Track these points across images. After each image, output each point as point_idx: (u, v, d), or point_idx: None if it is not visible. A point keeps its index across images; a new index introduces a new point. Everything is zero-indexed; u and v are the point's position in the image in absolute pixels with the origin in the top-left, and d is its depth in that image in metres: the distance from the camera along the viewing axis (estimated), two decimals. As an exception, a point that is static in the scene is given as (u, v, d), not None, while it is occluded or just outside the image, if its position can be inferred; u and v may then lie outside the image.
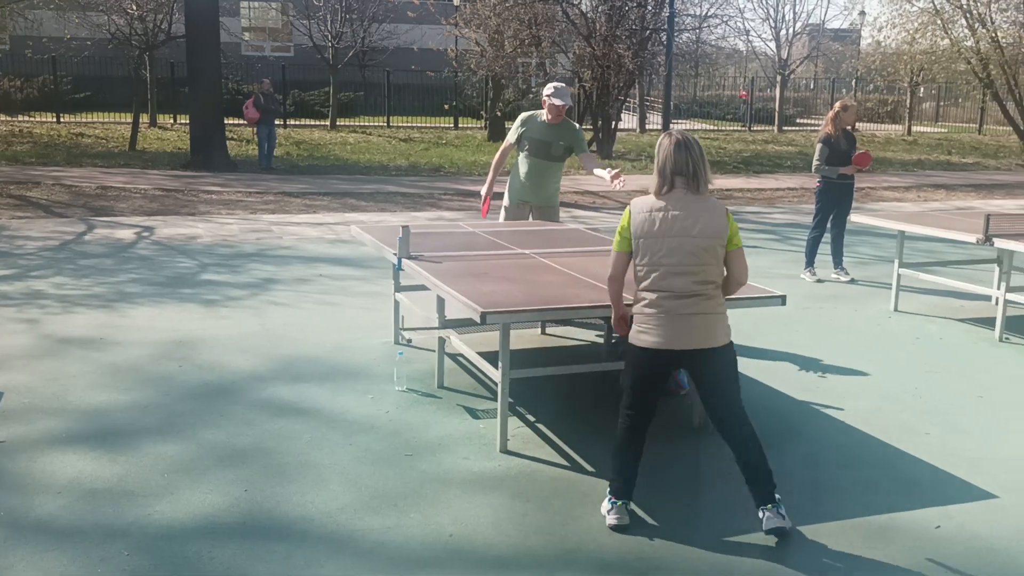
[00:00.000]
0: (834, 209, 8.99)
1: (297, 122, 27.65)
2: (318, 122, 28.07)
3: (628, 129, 29.48)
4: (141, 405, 5.18)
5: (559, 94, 6.57)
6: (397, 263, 5.66)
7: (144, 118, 23.07)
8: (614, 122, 22.39)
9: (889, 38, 31.30)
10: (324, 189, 15.21)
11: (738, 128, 33.15)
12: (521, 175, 6.89)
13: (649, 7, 21.02)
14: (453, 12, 24.91)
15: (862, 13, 47.53)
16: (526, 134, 6.77)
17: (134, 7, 20.86)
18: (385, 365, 5.94)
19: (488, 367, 4.88)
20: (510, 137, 6.88)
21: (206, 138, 17.22)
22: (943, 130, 35.89)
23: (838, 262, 9.13)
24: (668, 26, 12.84)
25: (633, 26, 20.97)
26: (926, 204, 15.95)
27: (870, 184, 17.68)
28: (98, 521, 3.84)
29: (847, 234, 9.25)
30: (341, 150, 21.33)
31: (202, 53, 17.00)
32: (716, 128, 33.08)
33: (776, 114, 33.31)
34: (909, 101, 34.40)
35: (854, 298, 8.33)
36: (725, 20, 45.23)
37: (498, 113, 24.73)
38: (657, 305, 3.74)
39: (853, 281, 8.97)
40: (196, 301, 7.60)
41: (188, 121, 18.43)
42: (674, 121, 28.08)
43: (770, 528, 3.77)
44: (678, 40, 22.06)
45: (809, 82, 45.73)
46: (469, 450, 4.67)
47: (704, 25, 26.00)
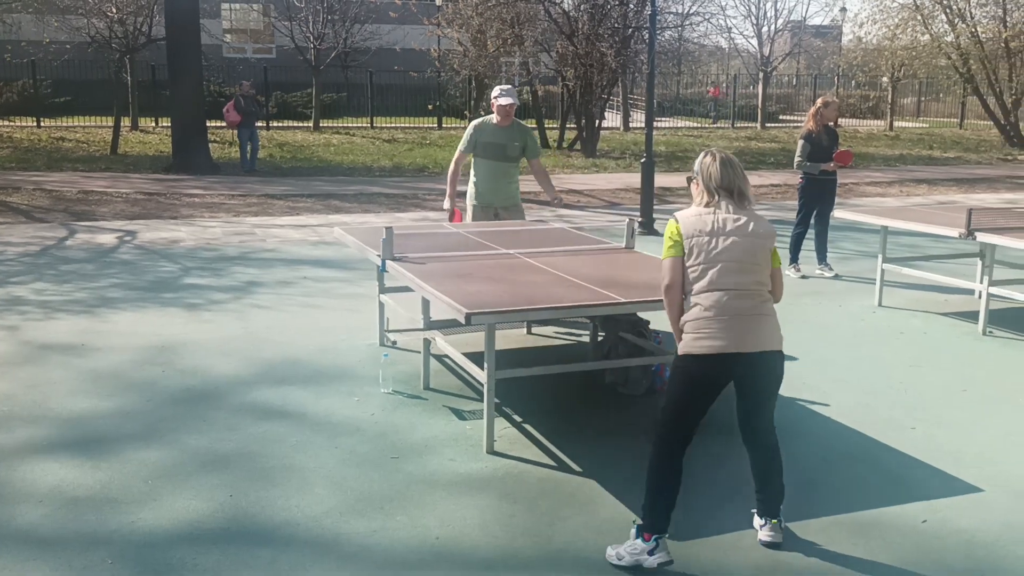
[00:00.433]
0: (817, 205, 9.01)
1: (280, 124, 27.52)
2: (301, 124, 27.93)
3: (612, 127, 29.50)
4: (123, 411, 5.14)
5: (505, 94, 6.80)
6: (381, 264, 5.63)
7: (125, 121, 22.88)
8: (598, 120, 22.40)
9: (870, 34, 31.51)
10: (307, 191, 15.15)
11: (721, 125, 33.23)
12: (481, 180, 7.03)
13: (631, 5, 21.03)
14: (435, 12, 24.87)
15: (843, 9, 47.66)
16: (479, 140, 6.93)
17: (114, 10, 20.69)
18: (370, 367, 5.91)
19: (474, 368, 4.86)
20: (462, 146, 7.01)
21: (188, 141, 17.12)
22: (924, 125, 36.08)
23: (822, 258, 9.15)
24: (650, 24, 12.84)
25: (615, 24, 20.98)
26: (908, 199, 16.02)
27: (852, 180, 17.75)
28: (80, 529, 3.80)
29: (830, 230, 9.28)
30: (324, 151, 21.26)
31: (183, 55, 16.89)
32: (699, 125, 33.15)
33: (759, 111, 33.39)
34: (891, 97, 34.58)
35: (838, 294, 8.36)
36: (707, 18, 45.33)
37: (482, 112, 24.61)
38: (717, 306, 3.52)
39: (837, 277, 9.00)
40: (178, 305, 7.54)
41: (170, 124, 18.32)
42: (658, 119, 28.11)
43: (767, 542, 3.74)
44: (660, 38, 22.08)
45: (791, 79, 45.91)
46: (455, 451, 4.65)
47: (686, 23, 26.03)
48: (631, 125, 30.46)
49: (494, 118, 6.94)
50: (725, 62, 48.71)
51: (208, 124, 18.30)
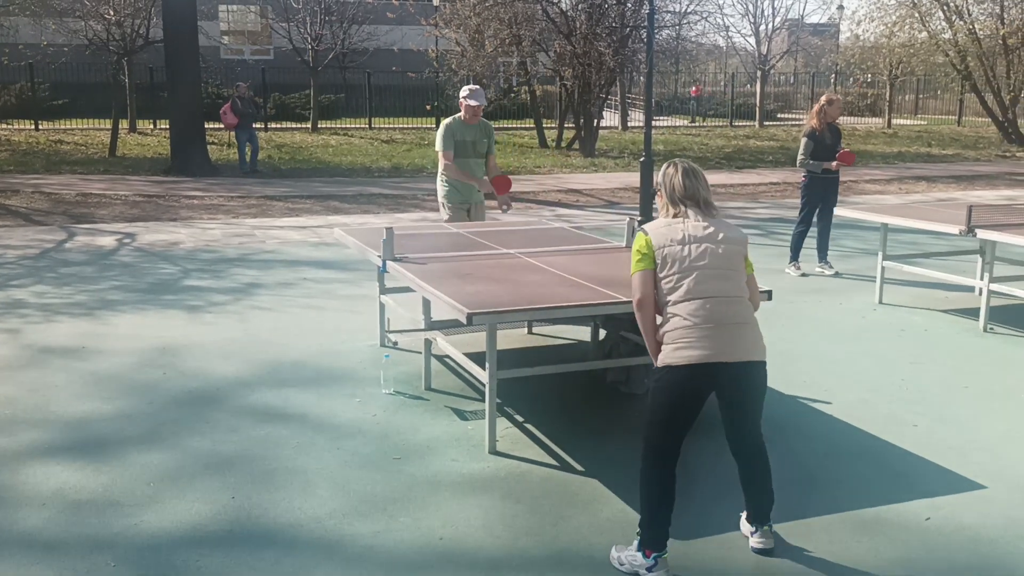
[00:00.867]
0: (820, 203, 9.00)
1: (278, 125, 27.53)
2: (299, 125, 27.95)
3: (610, 127, 29.51)
4: (125, 414, 5.13)
5: (475, 96, 7.09)
6: (382, 265, 5.63)
7: (123, 124, 22.89)
8: (596, 120, 22.40)
9: (868, 32, 31.53)
10: (307, 192, 15.15)
11: (720, 124, 33.24)
12: (448, 188, 7.32)
13: (628, 5, 21.04)
14: (433, 12, 24.87)
15: (840, 7, 47.72)
16: (455, 138, 7.18)
17: (111, 12, 20.68)
18: (371, 368, 5.90)
19: (475, 368, 4.86)
20: (446, 147, 7.18)
21: (186, 143, 17.12)
22: (923, 122, 36.11)
23: (823, 256, 9.15)
24: (648, 23, 12.84)
25: (613, 24, 20.98)
26: (908, 196, 16.03)
27: (852, 177, 17.75)
28: (83, 532, 3.80)
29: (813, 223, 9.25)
30: (323, 153, 21.25)
31: (181, 57, 16.88)
32: (697, 124, 33.17)
33: (757, 109, 33.41)
34: (888, 94, 34.59)
35: (838, 291, 8.36)
36: (705, 16, 45.55)
37: (480, 113, 24.66)
38: (697, 314, 3.43)
39: (837, 274, 9.00)
40: (179, 307, 7.54)
41: (168, 126, 18.31)
42: (656, 118, 28.09)
43: (760, 548, 3.68)
44: (658, 37, 22.09)
45: (789, 77, 45.92)
46: (458, 452, 4.65)
47: (684, 22, 26.06)
48: (629, 124, 30.47)
49: (462, 116, 7.20)
50: (723, 61, 48.73)
51: (206, 126, 18.29)
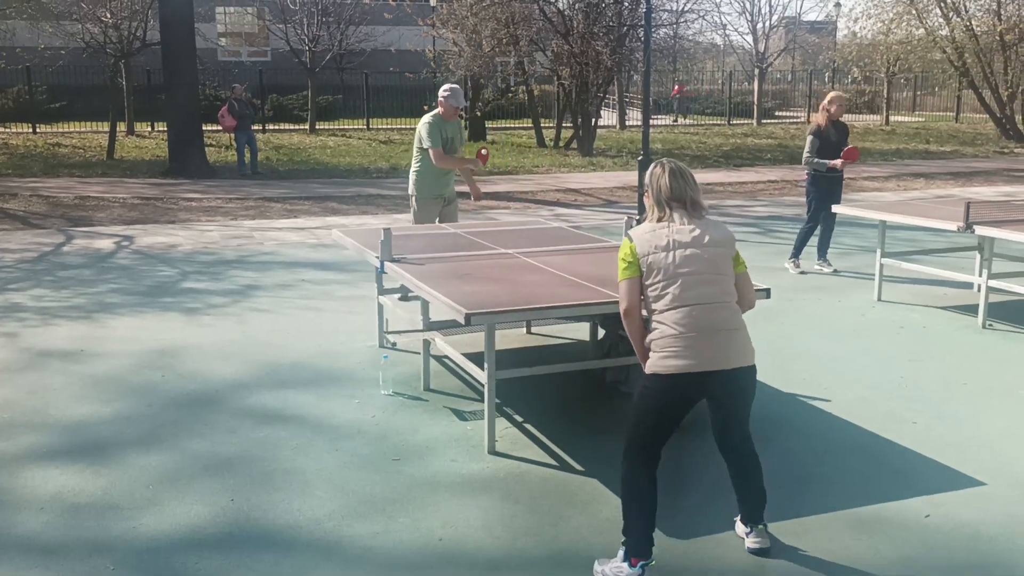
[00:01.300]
0: (828, 201, 8.84)
1: (276, 127, 27.52)
2: (297, 126, 27.94)
3: (608, 126, 29.51)
4: (124, 416, 5.13)
5: (455, 97, 7.32)
6: (380, 266, 5.62)
7: (121, 126, 22.89)
8: (594, 119, 22.40)
9: (865, 29, 31.53)
10: (305, 193, 15.14)
11: (718, 122, 33.24)
12: (432, 173, 7.50)
13: (626, 3, 21.04)
14: (430, 13, 24.86)
15: (837, 4, 47.79)
16: (442, 135, 7.41)
17: (108, 15, 20.68)
18: (370, 369, 5.90)
19: (474, 368, 4.86)
20: (437, 144, 7.35)
21: (184, 145, 17.11)
22: (920, 119, 36.12)
23: (823, 254, 9.13)
24: (645, 22, 12.84)
25: (610, 23, 20.98)
26: (906, 193, 16.03)
27: (850, 175, 17.69)
28: (82, 536, 3.79)
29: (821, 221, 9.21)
30: (321, 154, 21.25)
31: (178, 60, 16.88)
32: (695, 123, 33.17)
33: (755, 107, 33.42)
34: (886, 91, 34.60)
35: (837, 289, 8.36)
36: (702, 15, 45.53)
37: (478, 113, 24.68)
38: (683, 322, 3.39)
39: (836, 272, 8.99)
40: (177, 310, 7.53)
41: (166, 128, 18.30)
42: (654, 116, 28.08)
43: (755, 549, 3.67)
44: (656, 36, 22.09)
45: (787, 75, 45.92)
46: (457, 452, 4.65)
47: (681, 20, 26.06)
48: (627, 123, 30.47)
49: (439, 112, 7.41)
50: (720, 59, 48.73)
51: (204, 128, 18.29)
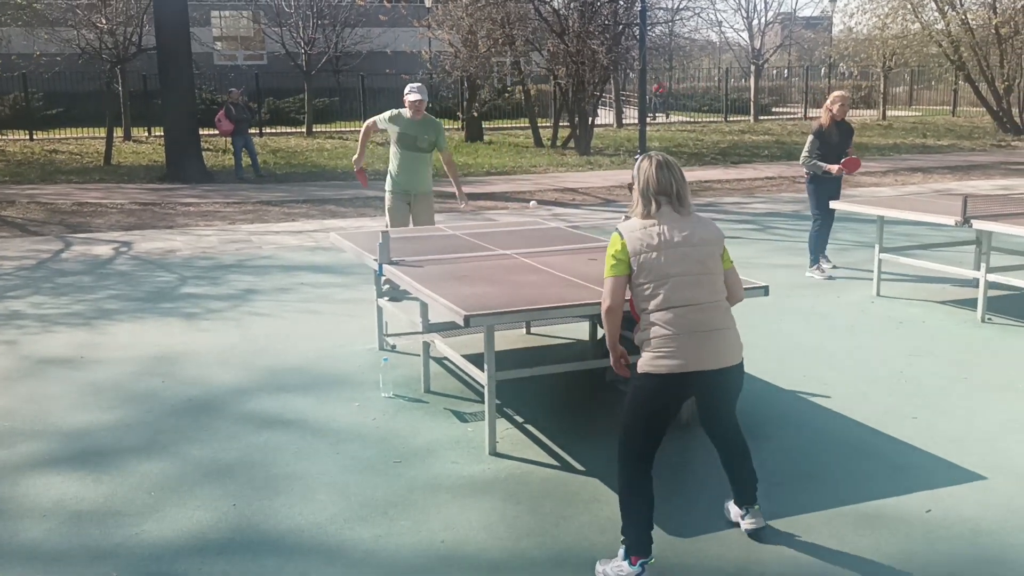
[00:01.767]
0: (830, 198, 8.62)
1: (273, 130, 27.51)
2: (294, 129, 27.94)
3: (605, 124, 29.52)
4: (124, 423, 5.13)
5: (415, 91, 7.48)
6: (378, 269, 5.63)
7: (118, 132, 22.87)
8: (591, 118, 22.40)
9: (860, 24, 31.58)
10: (303, 197, 15.14)
11: (715, 119, 33.26)
12: (397, 168, 7.72)
13: (621, 2, 21.04)
14: (425, 14, 24.86)
15: (832, 0, 47.77)
16: (393, 129, 7.63)
17: (103, 21, 20.66)
18: (370, 372, 5.90)
19: (474, 370, 4.86)
20: (378, 119, 7.73)
21: (181, 150, 17.09)
22: (917, 113, 36.12)
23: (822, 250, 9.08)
24: (640, 20, 12.85)
25: (606, 22, 20.98)
26: (903, 188, 16.04)
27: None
28: (85, 543, 3.79)
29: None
30: (318, 156, 21.24)
31: (174, 64, 16.87)
32: (692, 120, 33.18)
33: (751, 104, 33.43)
34: (883, 86, 34.61)
35: (836, 285, 8.36)
36: (697, 12, 45.50)
37: (474, 113, 24.68)
38: (674, 323, 3.43)
39: (835, 268, 8.97)
40: (177, 315, 7.53)
41: (163, 133, 18.30)
42: (650, 114, 28.11)
43: (752, 530, 3.75)
44: (651, 34, 22.10)
45: (783, 71, 45.94)
46: (458, 454, 4.65)
47: (676, 18, 26.07)
48: (624, 121, 30.48)
49: (407, 112, 7.56)
50: (716, 56, 48.74)
51: (201, 132, 18.28)
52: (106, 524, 3.95)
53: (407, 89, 7.54)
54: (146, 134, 25.64)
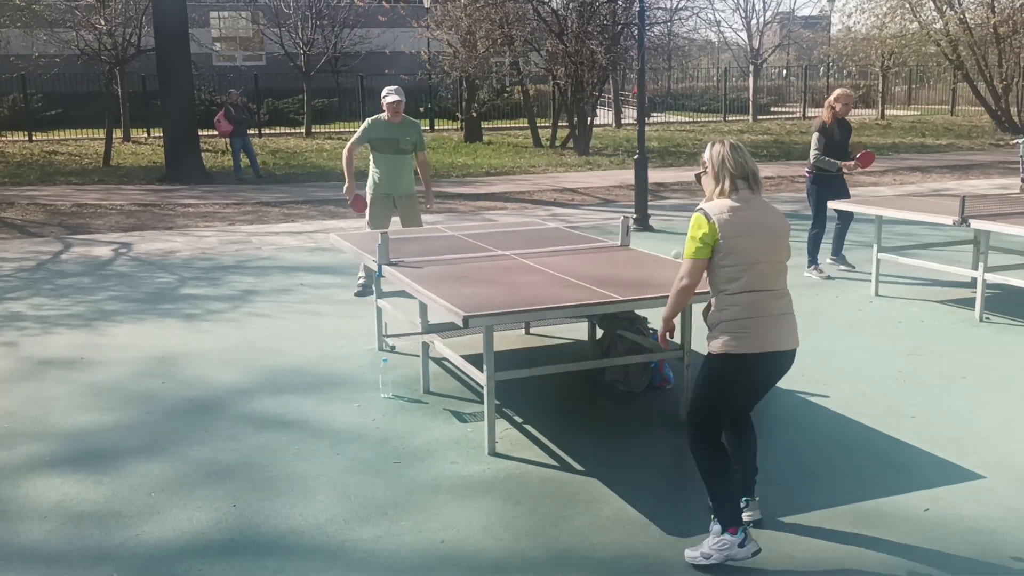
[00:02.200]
0: (831, 201, 8.52)
1: (272, 131, 27.51)
2: (293, 130, 27.94)
3: (604, 124, 29.52)
4: (124, 424, 5.14)
5: (392, 93, 7.55)
6: (378, 270, 5.64)
7: (117, 133, 22.87)
8: (590, 118, 22.41)
9: (859, 23, 31.56)
10: (302, 197, 15.15)
11: (713, 119, 33.26)
12: (379, 172, 7.75)
13: (620, 2, 21.03)
14: (424, 14, 24.87)
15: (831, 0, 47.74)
16: (373, 136, 7.63)
17: (102, 22, 20.65)
18: (370, 373, 5.91)
19: (473, 370, 4.87)
20: (356, 138, 7.75)
21: (180, 151, 17.10)
22: (916, 113, 36.12)
23: (838, 250, 8.92)
24: (639, 20, 12.84)
25: (604, 22, 20.98)
26: (902, 187, 16.04)
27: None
28: (85, 545, 3.80)
29: (827, 221, 9.16)
30: (317, 157, 21.24)
31: (173, 65, 16.87)
32: (691, 120, 33.18)
33: (750, 103, 33.43)
34: (881, 85, 34.63)
35: (835, 284, 8.37)
36: (696, 12, 45.49)
37: (473, 114, 24.69)
38: (756, 307, 3.54)
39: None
40: (177, 316, 7.54)
41: (162, 134, 18.30)
42: (650, 114, 28.13)
43: (751, 520, 3.82)
44: (650, 34, 22.11)
45: (781, 71, 45.95)
46: (457, 455, 4.66)
47: (675, 18, 26.05)
48: (623, 121, 30.49)
49: (385, 115, 7.63)
50: (715, 56, 48.77)
51: (200, 133, 18.29)
52: (106, 525, 3.96)
53: (384, 92, 7.59)
54: (145, 135, 25.64)
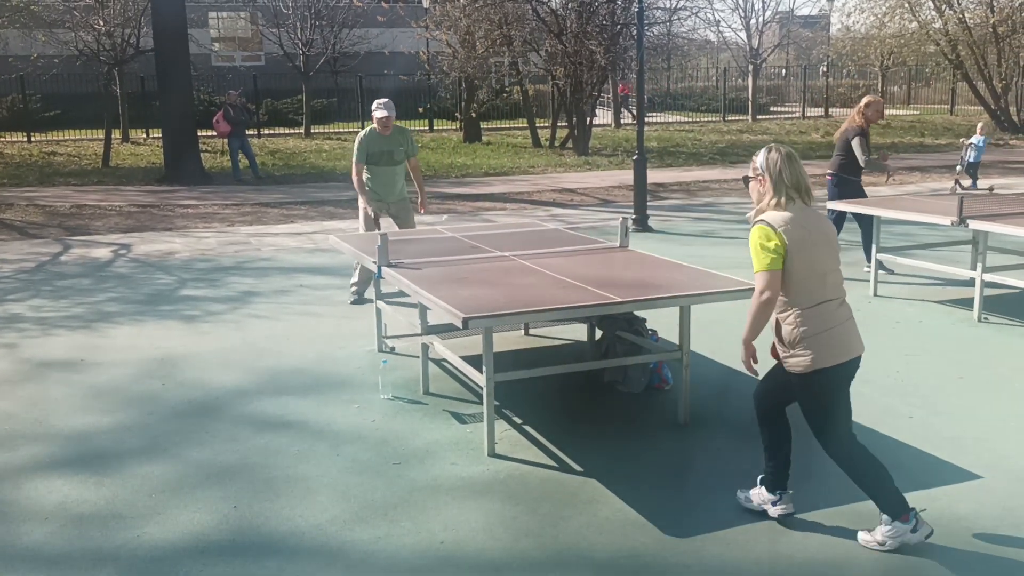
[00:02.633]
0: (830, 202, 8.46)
1: (271, 131, 27.51)
2: (292, 130, 27.94)
3: (603, 124, 29.54)
4: (125, 426, 5.15)
5: (382, 108, 7.54)
6: (377, 271, 5.65)
7: (116, 134, 22.86)
8: (589, 118, 22.42)
9: (858, 23, 31.62)
10: (301, 198, 15.16)
11: (713, 119, 33.27)
12: (373, 181, 7.78)
13: (619, 2, 21.05)
14: (423, 15, 24.87)
15: (830, -1, 47.74)
16: (371, 150, 7.66)
17: (101, 23, 20.66)
18: (369, 374, 5.92)
19: (472, 371, 4.88)
20: (358, 159, 7.72)
21: (179, 151, 17.10)
22: (915, 112, 36.14)
23: (870, 255, 8.88)
24: (638, 20, 12.86)
25: (603, 22, 21.00)
26: (901, 187, 16.05)
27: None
28: (87, 546, 3.82)
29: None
30: (316, 158, 21.25)
31: (172, 66, 16.88)
32: (691, 120, 33.19)
33: (749, 103, 33.44)
34: (880, 85, 34.65)
35: (833, 284, 8.36)
36: (695, 12, 45.48)
37: (473, 114, 24.70)
38: (836, 316, 3.61)
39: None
40: (176, 318, 7.55)
41: (161, 135, 18.31)
42: (649, 114, 28.14)
43: (784, 514, 3.90)
44: (649, 34, 22.12)
45: (781, 70, 45.96)
46: (457, 455, 4.68)
47: (674, 18, 26.04)
48: (622, 122, 30.50)
49: (376, 128, 7.65)
50: (714, 55, 48.78)
51: (199, 134, 18.30)
52: (108, 527, 3.98)
53: (374, 106, 7.62)
54: (144, 136, 25.64)
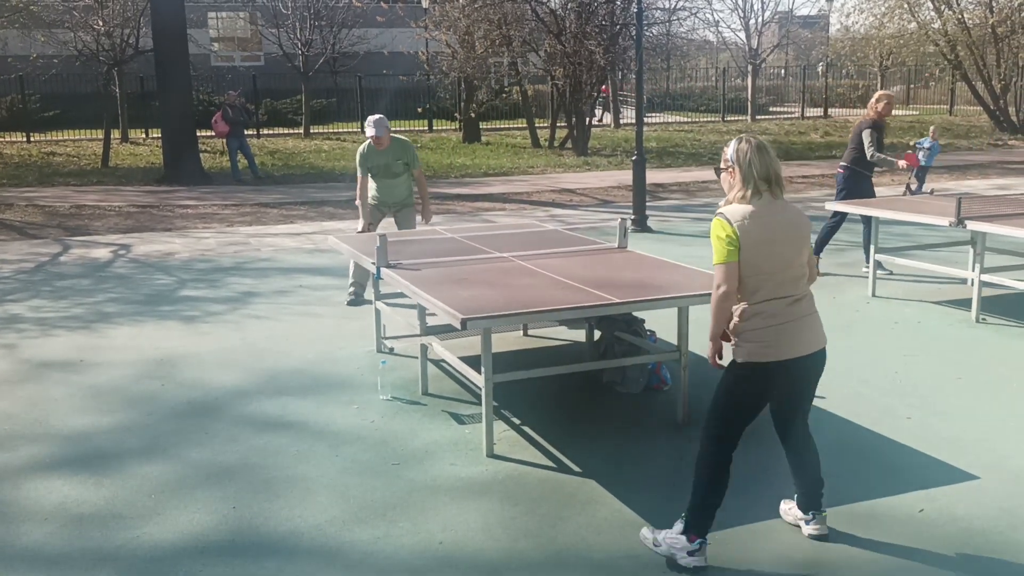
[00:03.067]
0: (860, 198, 8.47)
1: (270, 131, 27.50)
2: (291, 131, 27.94)
3: (603, 125, 29.55)
4: (124, 426, 5.16)
5: (371, 126, 7.56)
6: (376, 272, 5.66)
7: (115, 134, 22.86)
8: (588, 118, 22.43)
9: (857, 23, 31.62)
10: (300, 198, 15.16)
11: (712, 119, 33.28)
12: (373, 193, 7.90)
13: (618, 2, 21.06)
14: (422, 15, 24.89)
15: (829, -1, 47.77)
16: (369, 163, 7.75)
17: (100, 23, 20.66)
18: (368, 374, 5.93)
19: (471, 372, 4.89)
20: (360, 174, 7.85)
21: (178, 152, 17.11)
22: (914, 112, 36.15)
23: (869, 255, 8.88)
24: (637, 21, 12.87)
25: (603, 22, 21.01)
26: (900, 187, 16.06)
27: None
28: (86, 546, 3.83)
29: (819, 221, 9.12)
30: (316, 158, 21.25)
31: (171, 66, 16.88)
32: (690, 120, 33.20)
33: (749, 103, 33.45)
34: (880, 85, 34.66)
35: (831, 285, 8.39)
36: (694, 12, 45.50)
37: (472, 115, 24.71)
38: (779, 313, 3.49)
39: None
40: (176, 318, 7.56)
41: (160, 135, 18.32)
42: (648, 114, 28.11)
43: (816, 535, 3.78)
44: (648, 34, 22.12)
45: (780, 70, 45.96)
46: (456, 456, 4.69)
47: (673, 18, 26.06)
48: (621, 122, 30.51)
49: (371, 143, 7.70)
50: (714, 56, 48.79)
51: (199, 134, 18.30)
52: (107, 527, 3.99)
53: (366, 123, 7.65)
54: (143, 136, 25.63)
